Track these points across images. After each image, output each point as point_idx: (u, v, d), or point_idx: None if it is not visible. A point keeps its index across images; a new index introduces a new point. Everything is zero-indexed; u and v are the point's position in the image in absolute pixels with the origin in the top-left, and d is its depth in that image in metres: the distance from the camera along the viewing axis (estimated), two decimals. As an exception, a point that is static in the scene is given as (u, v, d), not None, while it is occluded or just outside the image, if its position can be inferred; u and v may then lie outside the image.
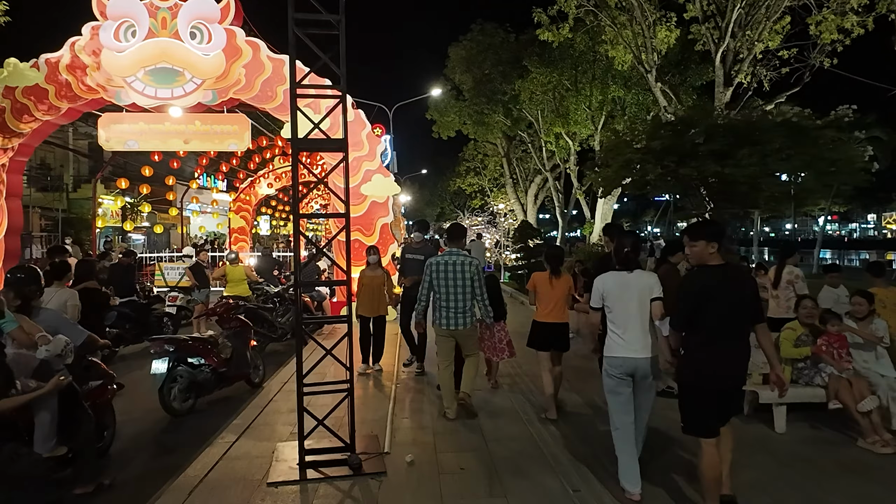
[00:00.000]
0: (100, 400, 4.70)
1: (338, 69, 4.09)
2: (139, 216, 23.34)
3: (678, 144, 6.88)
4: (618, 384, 4.05)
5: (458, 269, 5.42)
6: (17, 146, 11.76)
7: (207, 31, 10.75)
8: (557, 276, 5.75)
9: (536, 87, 24.86)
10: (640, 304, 4.04)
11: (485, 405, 6.00)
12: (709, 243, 3.62)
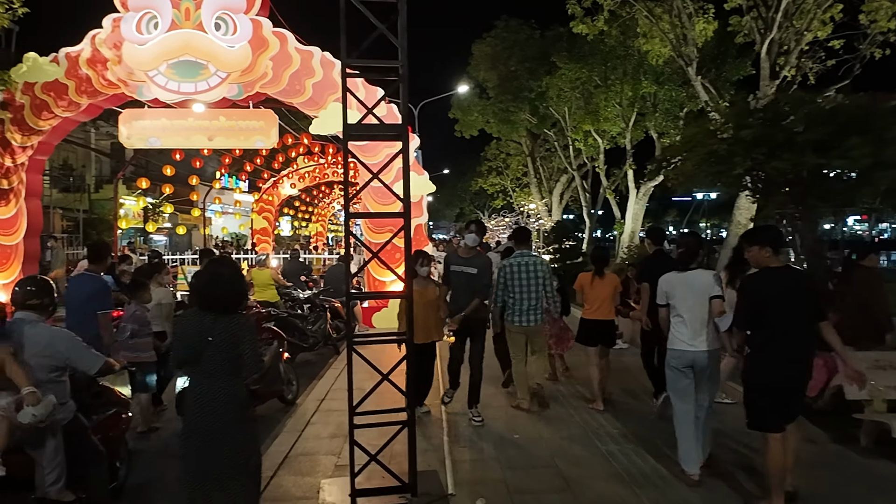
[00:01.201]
0: (113, 432, 3.98)
1: (396, 40, 3.44)
2: (161, 217, 23.00)
3: (770, 134, 6.12)
4: (679, 375, 4.41)
5: (531, 270, 5.77)
6: (37, 144, 11.32)
7: (233, 21, 10.20)
8: (602, 276, 6.24)
9: (565, 84, 24.14)
10: (700, 301, 4.36)
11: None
12: (763, 247, 3.90)
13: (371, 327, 10.63)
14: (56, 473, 3.28)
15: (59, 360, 3.49)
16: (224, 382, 3.17)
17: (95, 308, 5.08)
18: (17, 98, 10.77)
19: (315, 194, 28.80)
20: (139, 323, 5.47)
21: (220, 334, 3.12)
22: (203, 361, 3.14)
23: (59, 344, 3.52)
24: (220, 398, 3.14)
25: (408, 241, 3.65)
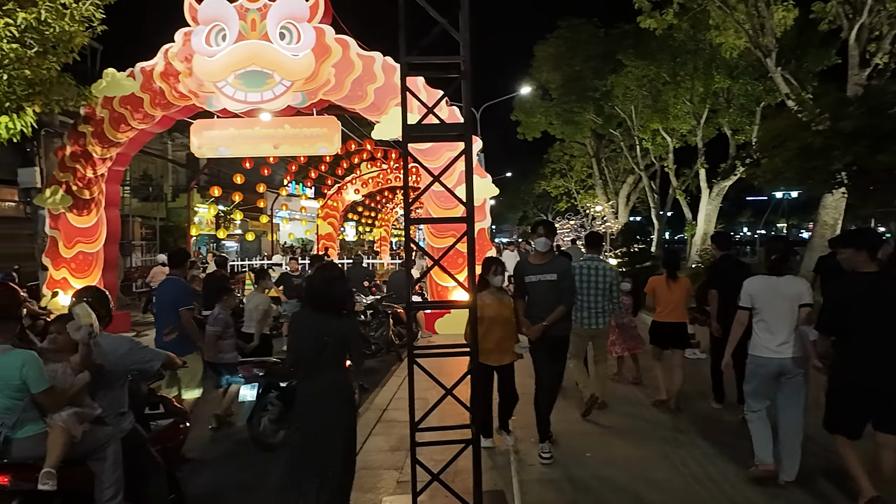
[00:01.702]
0: (171, 443, 3.92)
1: (458, 34, 3.23)
2: (232, 224, 23.78)
3: (875, 124, 5.51)
4: (760, 382, 4.34)
5: (599, 274, 5.72)
6: (116, 156, 11.85)
7: (297, 30, 10.33)
8: (675, 279, 6.27)
9: (631, 82, 23.45)
10: (788, 309, 4.23)
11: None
12: (858, 251, 3.86)
13: (434, 333, 10.48)
14: (115, 487, 3.20)
15: (122, 364, 3.48)
16: (333, 377, 3.48)
17: (179, 306, 5.41)
18: (98, 112, 11.30)
19: (378, 199, 29.10)
20: (223, 326, 5.74)
21: (332, 333, 3.44)
22: (319, 359, 3.44)
23: (123, 348, 3.51)
24: (330, 392, 3.45)
25: (471, 246, 3.42)
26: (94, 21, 9.71)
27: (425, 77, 3.34)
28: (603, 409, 5.91)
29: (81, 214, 11.66)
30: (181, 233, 21.33)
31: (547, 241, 4.96)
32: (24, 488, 2.90)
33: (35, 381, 2.92)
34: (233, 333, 5.86)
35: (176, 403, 4.24)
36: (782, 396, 4.29)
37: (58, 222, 11.76)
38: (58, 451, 2.96)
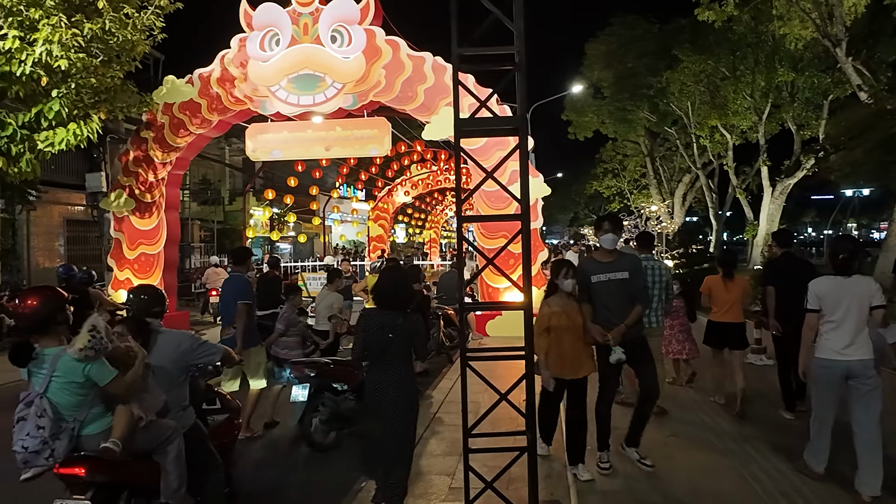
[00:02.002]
0: (226, 439, 3.98)
1: (511, 24, 3.09)
2: (285, 226, 24.25)
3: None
4: (825, 384, 4.20)
5: (655, 273, 5.66)
6: (175, 160, 12.21)
7: (348, 33, 10.40)
8: (731, 278, 6.15)
9: (688, 78, 22.69)
10: (857, 310, 4.09)
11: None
12: None
13: (485, 335, 10.33)
14: (179, 481, 3.29)
15: (186, 360, 3.57)
16: (399, 370, 3.74)
17: (237, 300, 5.59)
18: (159, 118, 11.68)
19: (428, 201, 29.20)
20: (288, 324, 5.94)
21: (398, 329, 3.69)
22: (385, 353, 3.72)
23: (185, 344, 3.61)
24: (396, 384, 3.70)
25: (526, 244, 3.27)
26: (155, 30, 10.04)
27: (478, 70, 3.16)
28: (662, 415, 5.68)
29: (143, 217, 12.06)
30: (237, 235, 21.89)
31: (615, 237, 4.52)
32: (98, 480, 3.00)
33: (100, 375, 2.97)
34: (298, 331, 6.03)
35: (230, 399, 4.28)
36: (855, 404, 4.10)
37: (121, 225, 12.22)
38: (123, 424, 3.02)
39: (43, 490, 3.09)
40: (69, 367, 2.93)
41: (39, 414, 2.86)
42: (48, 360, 2.93)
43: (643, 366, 4.57)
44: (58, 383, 2.92)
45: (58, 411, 2.92)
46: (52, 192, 15.11)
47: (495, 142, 10.27)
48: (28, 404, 2.89)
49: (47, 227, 15.68)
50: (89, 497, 2.95)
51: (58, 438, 2.90)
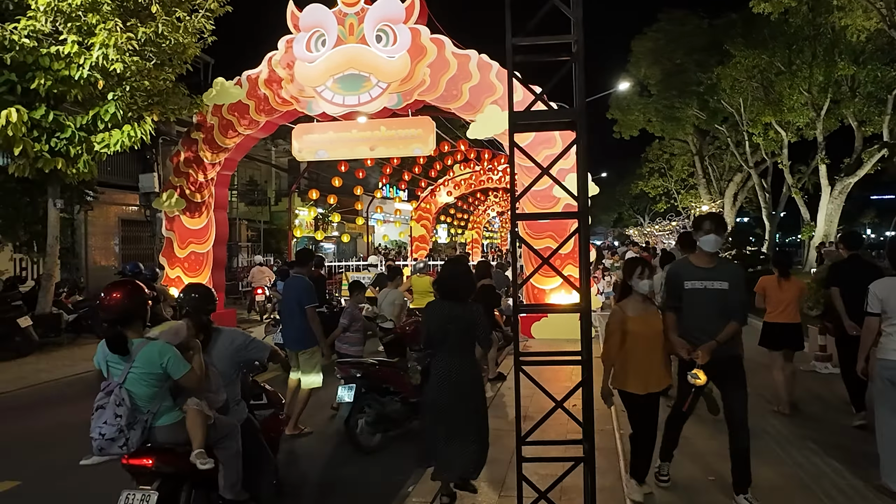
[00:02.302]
0: (273, 433, 4.02)
1: (569, 11, 2.95)
2: (329, 226, 24.52)
3: None
4: (889, 387, 4.05)
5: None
6: (224, 161, 12.43)
7: (393, 32, 10.38)
8: (787, 278, 6.01)
9: (740, 73, 21.91)
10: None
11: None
12: None
13: (530, 337, 10.14)
14: (237, 474, 3.36)
15: (239, 356, 3.65)
16: (461, 359, 3.89)
17: (303, 303, 5.70)
18: (208, 120, 11.91)
19: (471, 201, 29.09)
20: (352, 319, 6.10)
21: (459, 319, 3.87)
22: (447, 342, 3.88)
23: (239, 340, 3.69)
24: (458, 372, 3.86)
25: (585, 243, 3.11)
26: (206, 33, 10.24)
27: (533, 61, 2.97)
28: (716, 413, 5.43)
29: (193, 217, 12.32)
30: (283, 235, 22.23)
31: (717, 239, 3.94)
32: (165, 471, 3.09)
33: (175, 367, 3.08)
34: (360, 327, 6.17)
35: (274, 392, 4.33)
36: None
37: (172, 224, 12.51)
38: (200, 431, 3.12)
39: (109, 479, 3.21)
40: (148, 359, 3.04)
41: (118, 403, 2.98)
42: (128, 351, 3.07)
43: (732, 390, 3.94)
44: (136, 374, 3.03)
45: (134, 402, 3.02)
46: (108, 193, 15.62)
47: (542, 140, 10.07)
48: (108, 393, 3.01)
49: (103, 226, 16.23)
50: (156, 487, 3.04)
51: (133, 428, 3.00)
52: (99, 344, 3.18)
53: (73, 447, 5.20)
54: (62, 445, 5.44)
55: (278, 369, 8.10)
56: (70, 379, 8.26)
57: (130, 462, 3.05)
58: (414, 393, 5.43)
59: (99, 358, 3.15)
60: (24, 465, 5.06)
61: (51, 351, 9.95)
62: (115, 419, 2.97)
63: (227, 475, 3.32)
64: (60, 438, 5.70)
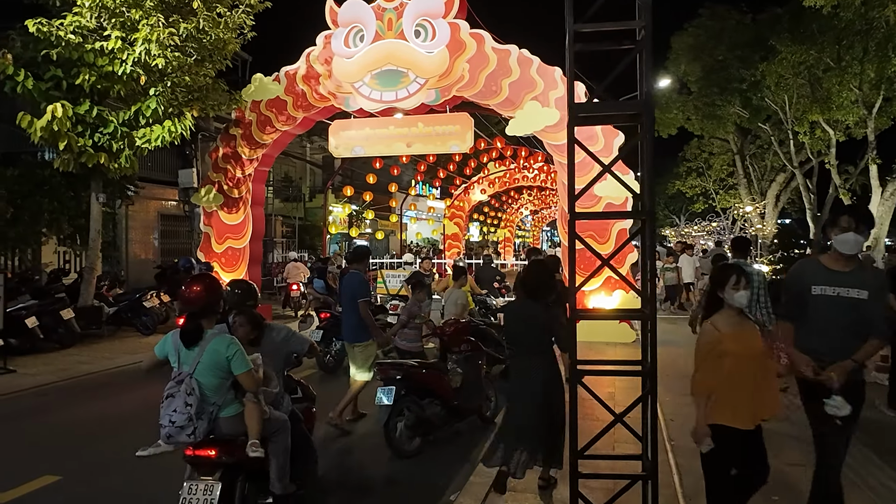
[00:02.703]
0: (308, 425, 4.05)
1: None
2: (363, 223, 24.55)
3: None
4: None
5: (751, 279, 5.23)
6: (261, 157, 12.47)
7: (431, 27, 10.23)
8: None
9: (786, 70, 21.16)
10: None
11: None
12: None
13: (568, 340, 9.89)
14: (287, 466, 3.45)
15: (283, 349, 3.76)
16: (541, 358, 3.90)
17: (357, 297, 5.83)
18: (247, 116, 11.96)
19: (504, 199, 28.83)
20: (410, 315, 6.15)
21: (530, 320, 3.91)
22: (526, 340, 3.95)
23: (283, 332, 3.82)
24: (536, 370, 3.86)
25: (651, 245, 2.91)
26: (245, 28, 10.25)
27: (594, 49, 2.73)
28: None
29: (231, 212, 12.40)
30: (317, 231, 22.33)
31: (858, 240, 3.26)
32: (227, 461, 3.17)
33: (238, 363, 3.19)
34: (419, 324, 6.20)
35: (308, 387, 4.38)
36: None
37: (210, 219, 12.60)
38: (257, 423, 3.25)
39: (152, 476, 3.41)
40: (216, 350, 3.16)
41: (189, 392, 3.09)
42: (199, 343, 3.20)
43: (847, 426, 3.17)
44: (204, 364, 3.15)
45: (203, 392, 3.13)
46: (149, 188, 15.86)
47: (582, 137, 9.78)
48: (178, 382, 3.12)
49: (143, 221, 16.49)
50: (217, 478, 3.11)
51: (200, 418, 3.11)
52: (168, 334, 3.29)
53: (115, 442, 5.24)
54: (105, 440, 5.47)
55: (314, 366, 8.09)
56: (111, 371, 8.35)
57: (196, 453, 3.13)
58: (454, 396, 5.28)
59: (168, 348, 3.25)
60: (65, 459, 5.06)
61: (92, 343, 10.10)
62: (185, 408, 3.07)
63: (277, 469, 3.40)
64: (103, 432, 5.72)
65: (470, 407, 5.52)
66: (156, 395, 3.32)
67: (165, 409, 3.10)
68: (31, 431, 5.81)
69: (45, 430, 5.86)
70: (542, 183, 22.62)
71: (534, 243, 41.38)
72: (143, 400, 6.55)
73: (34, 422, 6.12)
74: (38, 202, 11.76)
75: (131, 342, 10.22)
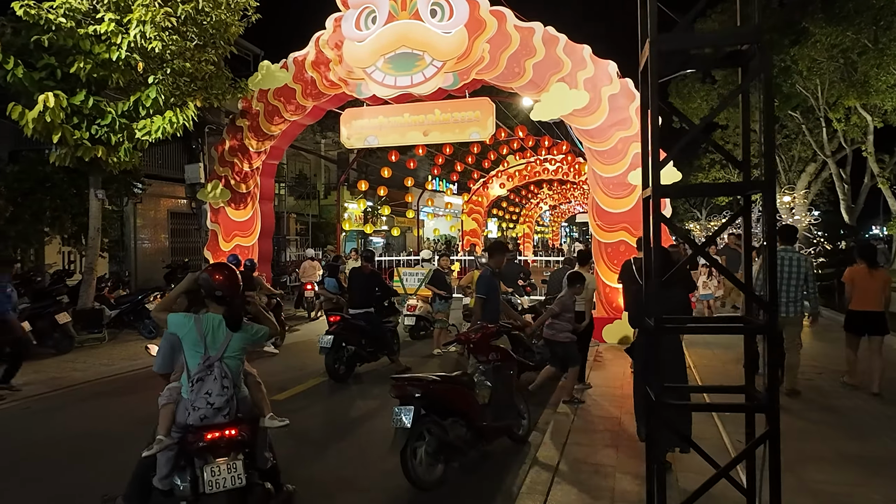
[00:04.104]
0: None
1: None
2: (379, 219, 23.88)
3: None
4: None
5: (793, 264, 6.08)
6: (269, 149, 11.83)
7: (448, 5, 9.51)
8: (875, 268, 6.41)
9: (819, 53, 20.08)
10: None
11: None
12: None
13: (601, 342, 9.07)
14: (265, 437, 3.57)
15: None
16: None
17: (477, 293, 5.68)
18: (254, 106, 11.31)
19: (523, 194, 28.00)
20: (563, 308, 6.11)
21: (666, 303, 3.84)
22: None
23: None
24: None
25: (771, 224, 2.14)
26: (249, 10, 9.58)
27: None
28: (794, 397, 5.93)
29: (238, 208, 11.78)
30: (332, 228, 21.71)
31: None
32: (246, 440, 3.27)
33: (264, 333, 3.53)
34: (570, 317, 6.14)
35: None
36: None
37: (217, 216, 11.99)
38: (265, 399, 3.61)
39: None
40: (242, 337, 3.36)
41: (223, 375, 3.24)
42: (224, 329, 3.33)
43: None
44: (232, 349, 3.31)
45: (231, 375, 3.30)
46: (158, 185, 15.32)
47: (616, 121, 9.02)
48: (208, 367, 3.23)
49: (154, 219, 15.96)
50: (236, 456, 3.21)
51: (233, 399, 3.27)
52: (188, 318, 3.29)
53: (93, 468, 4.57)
54: (79, 467, 4.76)
55: (323, 374, 7.43)
56: (107, 380, 7.72)
57: (220, 435, 3.17)
58: (482, 414, 4.53)
59: (192, 334, 3.25)
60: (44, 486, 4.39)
61: (90, 348, 9.51)
62: (223, 390, 3.22)
63: (261, 442, 3.49)
64: (81, 456, 5.03)
65: (500, 426, 4.73)
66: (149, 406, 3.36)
67: (197, 393, 3.20)
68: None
69: (27, 448, 5.18)
70: (564, 175, 21.74)
71: (553, 239, 40.47)
72: (134, 413, 5.90)
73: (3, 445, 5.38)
74: (39, 200, 11.23)
75: (132, 347, 9.61)
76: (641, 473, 3.86)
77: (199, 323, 3.26)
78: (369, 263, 8.46)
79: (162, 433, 3.21)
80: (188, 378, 3.23)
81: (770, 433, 1.99)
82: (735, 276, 2.36)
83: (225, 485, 3.11)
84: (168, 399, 3.35)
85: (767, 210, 2.09)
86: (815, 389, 6.35)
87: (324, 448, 5.12)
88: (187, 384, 3.23)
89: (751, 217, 2.22)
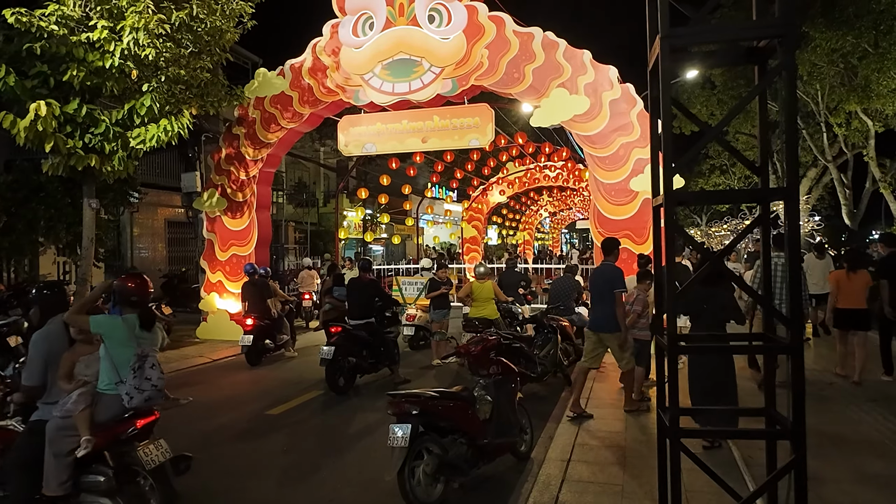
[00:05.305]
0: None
1: None
2: (378, 227, 23.73)
3: None
4: None
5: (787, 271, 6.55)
6: (266, 157, 11.69)
7: (447, 11, 9.38)
8: (854, 271, 7.16)
9: (820, 57, 20.00)
10: None
11: None
12: None
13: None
14: None
15: None
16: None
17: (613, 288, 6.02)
18: (250, 113, 11.18)
19: (523, 201, 27.87)
20: (642, 306, 6.31)
21: (711, 301, 4.72)
22: (702, 317, 4.79)
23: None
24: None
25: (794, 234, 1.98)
26: (245, 17, 9.46)
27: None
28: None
29: (235, 217, 11.62)
30: (331, 237, 21.57)
31: None
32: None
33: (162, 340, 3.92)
34: (647, 316, 6.26)
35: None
36: None
37: (214, 225, 11.84)
38: None
39: None
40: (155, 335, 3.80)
41: (152, 365, 3.64)
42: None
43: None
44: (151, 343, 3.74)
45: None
46: (155, 194, 15.20)
47: (617, 126, 8.89)
48: (143, 357, 3.60)
49: (150, 228, 15.84)
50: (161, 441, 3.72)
51: None
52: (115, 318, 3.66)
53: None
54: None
55: (322, 388, 7.25)
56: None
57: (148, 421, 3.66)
58: (483, 431, 4.36)
59: (122, 332, 3.61)
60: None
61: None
62: (161, 375, 3.65)
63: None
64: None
65: (502, 443, 4.54)
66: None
67: (138, 379, 3.55)
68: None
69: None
70: (564, 182, 21.60)
71: (553, 246, 40.36)
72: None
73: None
74: (34, 210, 11.08)
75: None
76: (650, 493, 3.69)
77: (126, 322, 3.65)
78: (367, 272, 8.30)
79: (86, 434, 3.42)
80: (130, 368, 3.56)
81: (796, 462, 1.82)
82: (753, 289, 2.20)
83: (160, 459, 3.59)
84: (85, 403, 3.51)
85: (790, 219, 1.93)
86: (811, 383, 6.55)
87: (319, 467, 4.95)
88: (128, 374, 3.55)
89: (769, 226, 2.06)
